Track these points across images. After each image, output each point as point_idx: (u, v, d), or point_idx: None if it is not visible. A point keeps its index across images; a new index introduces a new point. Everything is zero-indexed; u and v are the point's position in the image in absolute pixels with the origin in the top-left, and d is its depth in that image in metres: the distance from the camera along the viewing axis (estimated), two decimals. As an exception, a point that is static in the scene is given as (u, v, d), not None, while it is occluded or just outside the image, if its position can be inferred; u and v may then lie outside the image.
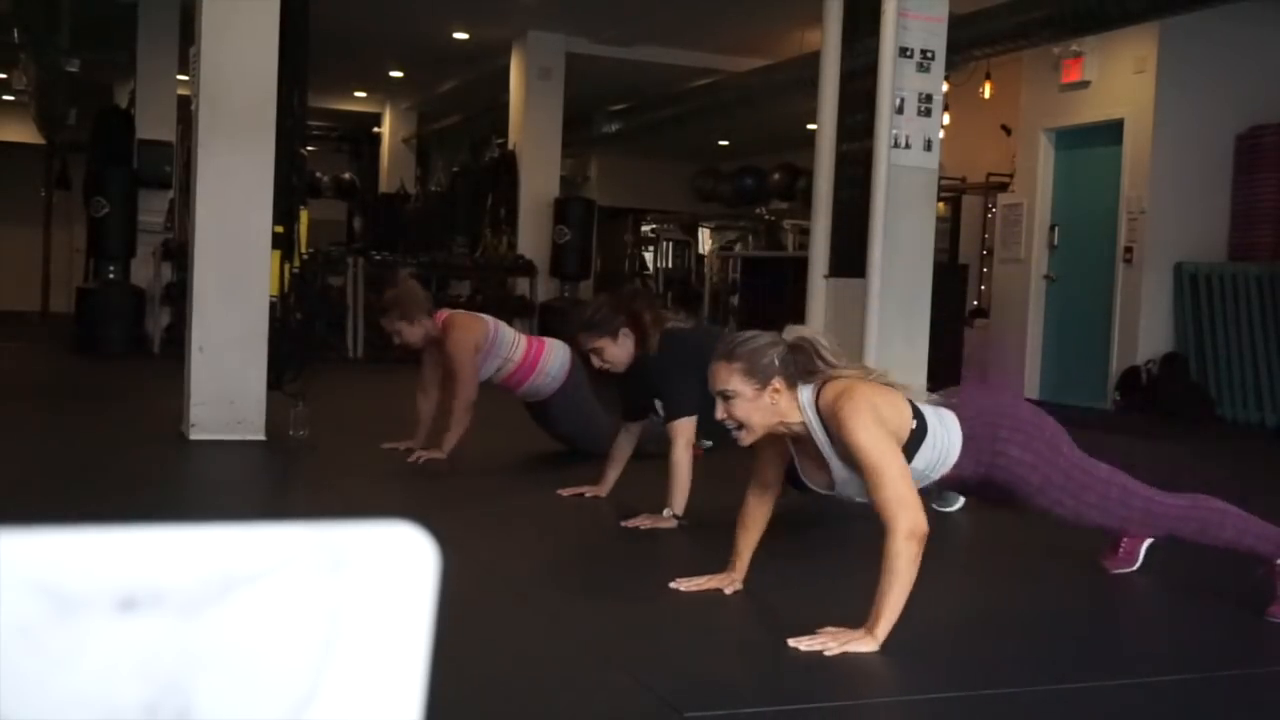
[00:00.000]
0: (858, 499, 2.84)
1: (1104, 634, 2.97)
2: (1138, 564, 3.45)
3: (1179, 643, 3.03)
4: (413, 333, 5.10)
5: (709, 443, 4.18)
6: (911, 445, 2.79)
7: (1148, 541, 3.42)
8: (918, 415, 2.83)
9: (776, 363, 2.75)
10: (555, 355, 5.27)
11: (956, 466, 2.90)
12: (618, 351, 4.00)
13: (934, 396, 3.06)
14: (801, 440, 2.84)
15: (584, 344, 4.05)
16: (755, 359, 2.75)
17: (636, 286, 4.27)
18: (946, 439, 2.87)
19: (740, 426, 2.80)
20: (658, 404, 4.07)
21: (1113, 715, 2.38)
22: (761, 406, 2.77)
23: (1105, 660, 2.71)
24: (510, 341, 5.19)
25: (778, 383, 2.75)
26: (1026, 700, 2.41)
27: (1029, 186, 9.83)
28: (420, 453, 4.99)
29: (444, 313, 5.18)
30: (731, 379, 2.77)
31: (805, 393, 2.77)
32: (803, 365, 2.77)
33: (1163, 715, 2.43)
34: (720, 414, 2.83)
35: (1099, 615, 3.16)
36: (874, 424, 2.66)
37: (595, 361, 4.05)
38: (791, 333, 2.83)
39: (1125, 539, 3.43)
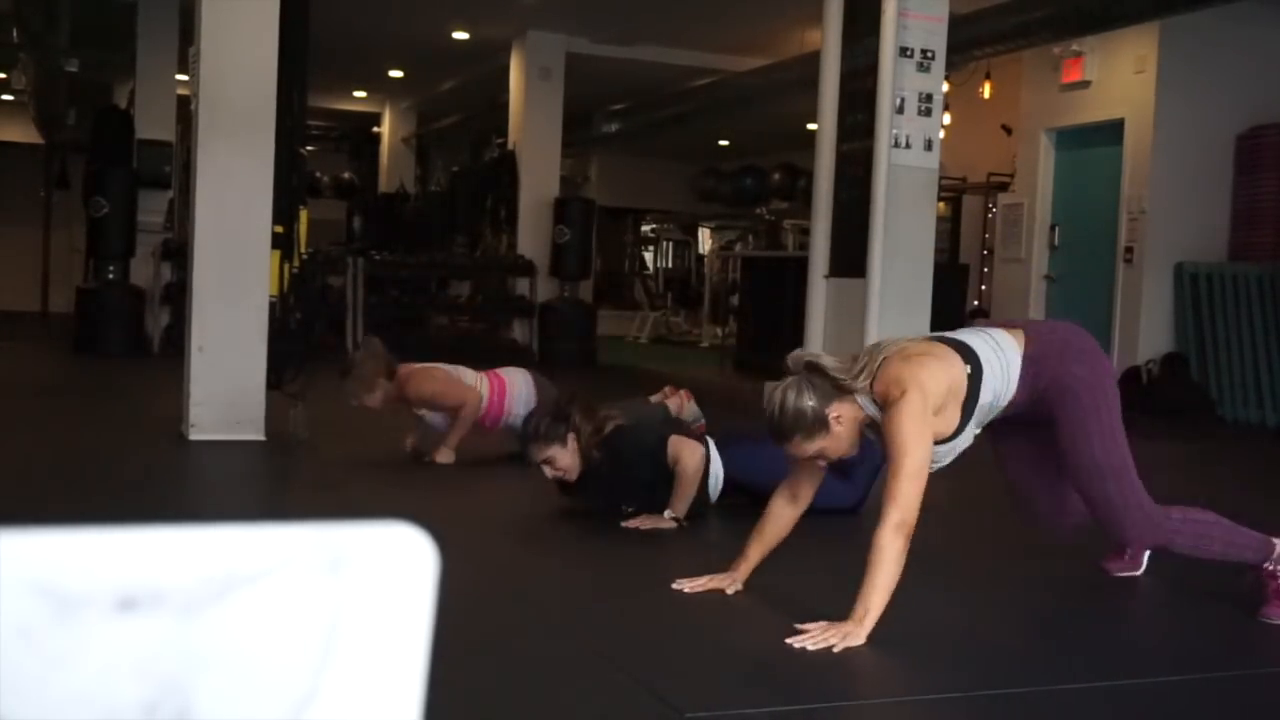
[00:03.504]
0: (947, 461, 2.91)
1: (1104, 634, 2.97)
2: (1141, 569, 3.45)
3: (1179, 643, 3.03)
4: (374, 399, 5.07)
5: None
6: (973, 388, 2.83)
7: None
8: (970, 357, 2.85)
9: (816, 402, 2.80)
10: (519, 385, 5.24)
11: (1020, 387, 2.91)
12: (568, 458, 3.98)
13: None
14: (874, 426, 2.88)
15: (537, 456, 4.01)
16: (801, 420, 2.80)
17: (572, 396, 4.25)
18: (1005, 363, 2.89)
19: (844, 457, 2.91)
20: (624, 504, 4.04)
21: (1113, 715, 2.38)
22: (840, 437, 2.84)
23: (1105, 661, 2.71)
24: (474, 380, 5.17)
25: (833, 411, 2.81)
26: (1026, 700, 2.41)
27: (1029, 186, 9.83)
28: (433, 455, 5.00)
29: (405, 368, 5.13)
30: (805, 447, 2.84)
31: (860, 397, 2.82)
32: (826, 378, 2.82)
33: (1163, 715, 2.43)
34: (823, 465, 2.93)
35: (1099, 616, 3.16)
36: (916, 413, 2.70)
37: (548, 472, 4.02)
38: (797, 362, 2.86)
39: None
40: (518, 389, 5.21)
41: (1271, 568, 3.05)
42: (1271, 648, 2.97)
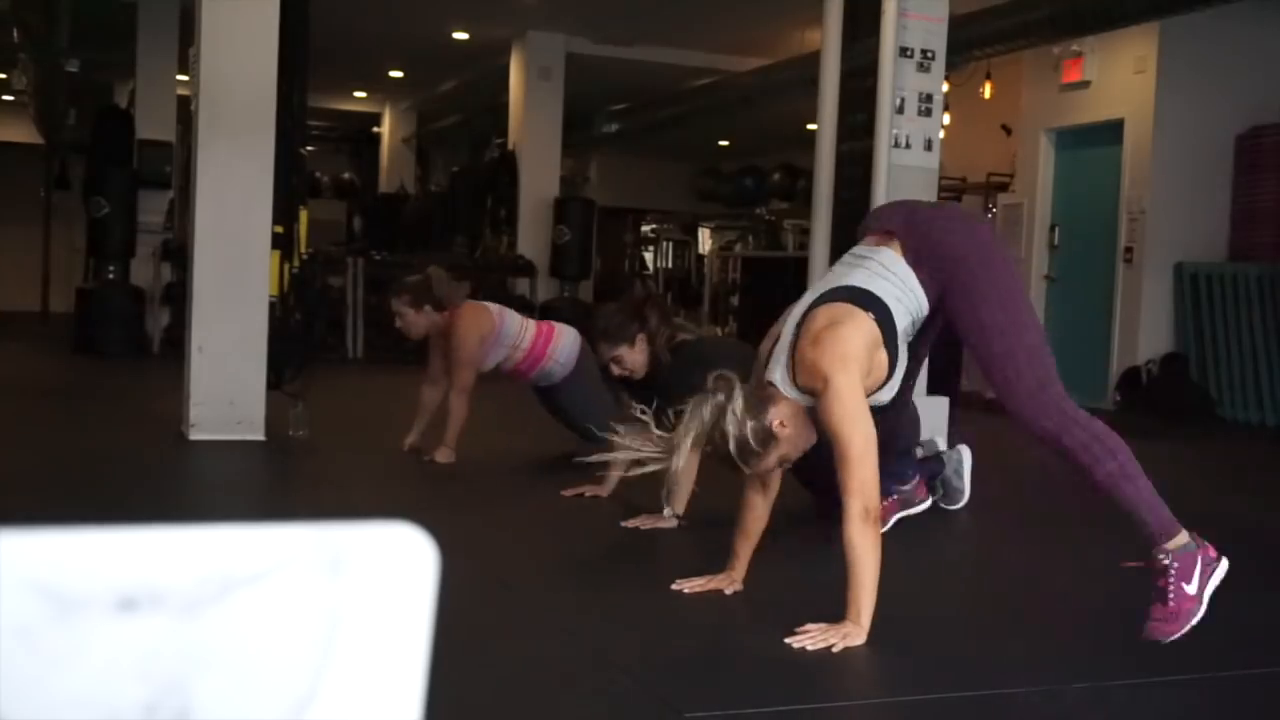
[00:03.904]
0: (894, 393, 2.92)
1: (1104, 634, 2.97)
2: (887, 527, 3.48)
3: (1179, 642, 3.03)
4: (415, 320, 5.10)
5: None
6: (887, 331, 2.81)
7: (901, 514, 3.47)
8: (870, 303, 2.81)
9: (754, 419, 2.75)
10: (565, 341, 5.28)
11: (925, 289, 2.88)
12: (636, 357, 3.99)
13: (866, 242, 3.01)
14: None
15: (603, 355, 4.03)
16: (748, 443, 2.75)
17: (643, 290, 4.27)
18: (903, 286, 2.87)
19: (804, 450, 2.88)
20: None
21: (1113, 715, 2.38)
22: (792, 438, 2.81)
23: (1105, 660, 2.71)
24: (517, 330, 5.20)
25: (772, 419, 2.77)
26: (1027, 700, 2.41)
27: (1029, 186, 9.83)
28: (432, 455, 5.00)
29: (455, 307, 5.18)
30: (765, 463, 2.82)
31: (792, 394, 2.79)
32: (753, 389, 2.80)
33: (1163, 715, 2.43)
34: (785, 467, 2.92)
35: (1099, 615, 3.16)
36: (846, 395, 2.67)
37: (615, 370, 4.03)
38: (712, 383, 2.80)
39: (885, 502, 3.47)
40: (561, 347, 5.25)
41: (1164, 560, 2.72)
42: (1272, 647, 2.97)
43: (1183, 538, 2.74)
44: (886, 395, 2.89)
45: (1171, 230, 8.76)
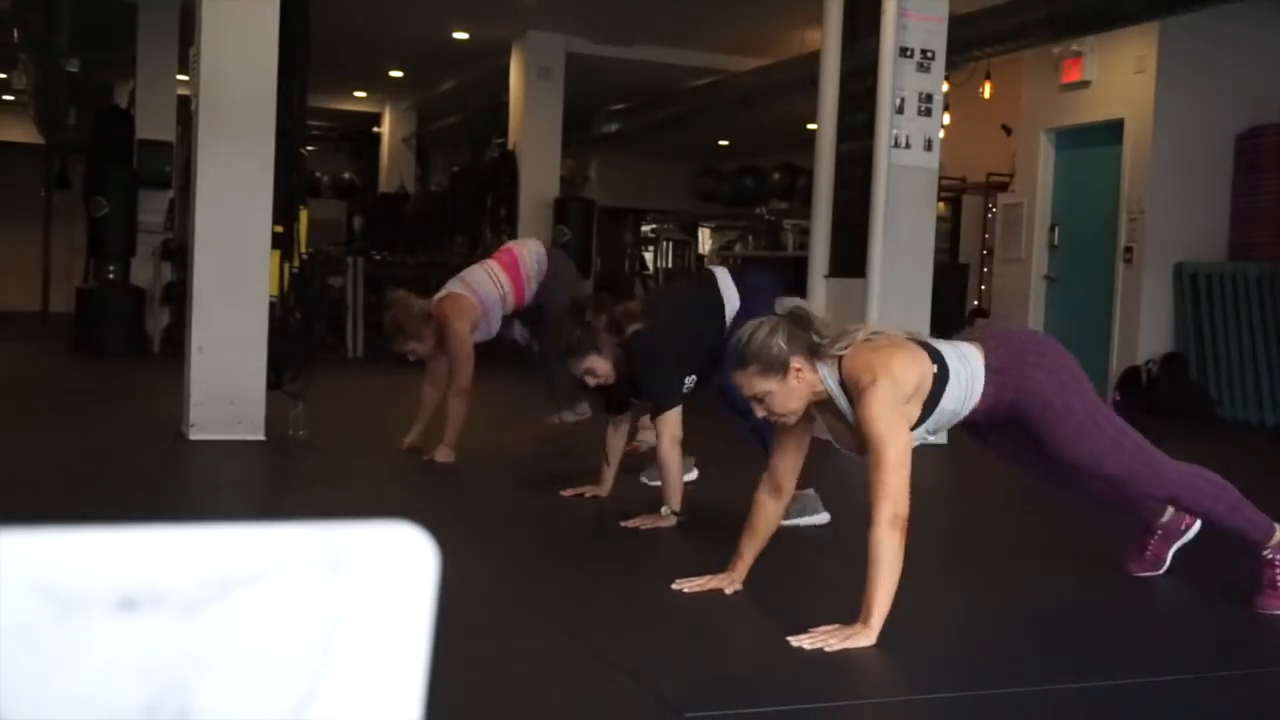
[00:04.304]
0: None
1: (1105, 634, 2.97)
2: (1164, 568, 3.44)
3: (1180, 643, 3.03)
4: (424, 348, 5.16)
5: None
6: (936, 390, 2.83)
7: (1175, 545, 3.43)
8: (937, 359, 2.85)
9: (786, 345, 2.80)
10: (529, 254, 5.38)
11: (984, 398, 2.91)
12: (606, 365, 3.97)
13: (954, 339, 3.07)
14: (827, 406, 2.88)
15: (576, 369, 3.99)
16: (766, 354, 2.79)
17: (585, 296, 4.21)
18: (970, 374, 2.90)
19: (783, 416, 2.87)
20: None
21: (1113, 715, 2.38)
22: (792, 390, 2.82)
23: (1106, 660, 2.71)
24: (493, 285, 5.23)
25: (797, 362, 2.80)
26: (1027, 700, 2.41)
27: (1029, 186, 9.83)
28: (432, 454, 5.00)
29: (433, 308, 5.16)
30: (755, 383, 2.82)
31: (824, 368, 2.82)
32: (807, 332, 2.82)
33: (1163, 715, 2.43)
34: (761, 414, 2.90)
35: (1101, 615, 3.15)
36: (890, 401, 2.70)
37: (590, 382, 4.01)
38: (784, 306, 2.92)
39: (1151, 542, 3.43)
40: (529, 256, 5.35)
41: (1271, 555, 3.08)
42: (1272, 647, 2.97)
43: (1278, 534, 3.10)
44: None
45: (1171, 230, 8.75)
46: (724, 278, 4.17)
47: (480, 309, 5.17)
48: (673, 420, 3.87)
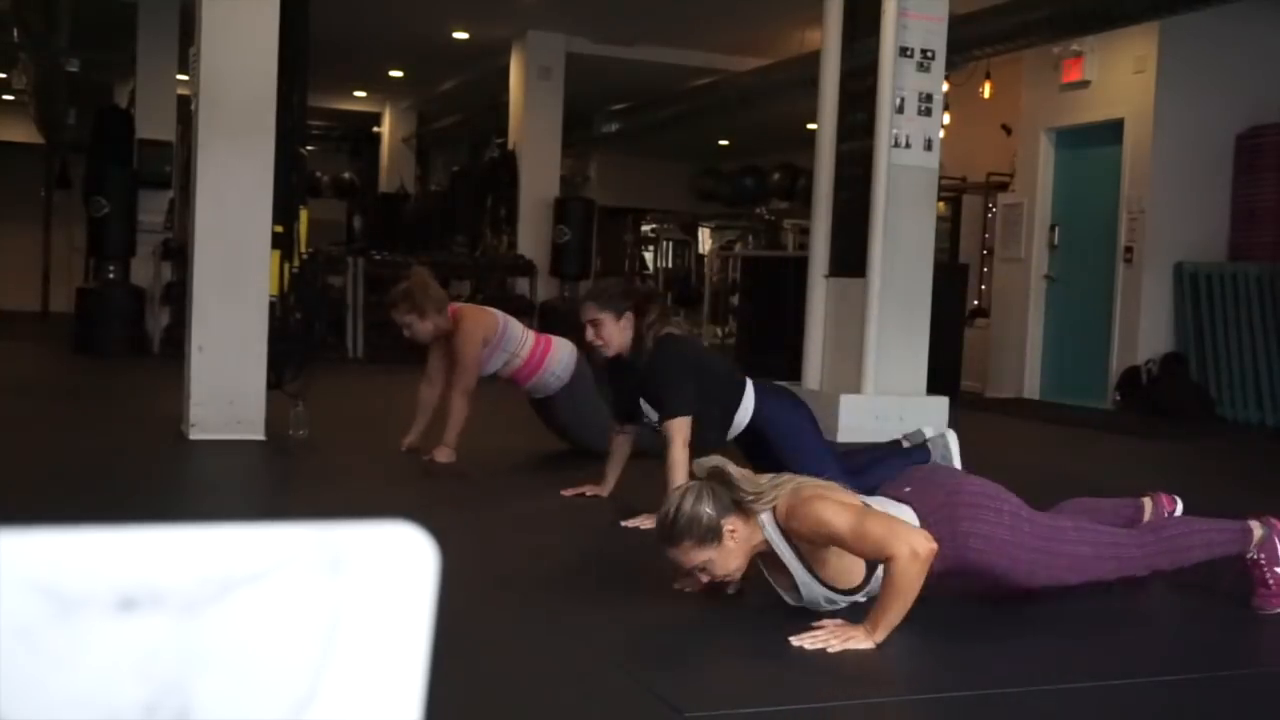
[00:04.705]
0: (825, 607, 2.79)
1: (1105, 634, 2.97)
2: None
3: (1179, 643, 3.03)
4: (423, 327, 5.09)
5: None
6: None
7: None
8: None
9: (714, 511, 2.72)
10: (562, 353, 5.30)
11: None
12: (614, 332, 4.00)
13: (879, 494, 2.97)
14: (768, 556, 2.81)
15: (586, 313, 4.05)
16: (696, 526, 2.71)
17: (651, 287, 4.27)
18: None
19: (727, 578, 2.80)
20: (645, 409, 4.06)
21: (1112, 715, 2.38)
22: (731, 552, 2.75)
23: (1105, 661, 2.71)
24: (519, 337, 5.22)
25: (730, 524, 2.73)
26: (1028, 700, 2.41)
27: (1029, 186, 9.83)
28: (432, 454, 5.00)
29: (454, 306, 5.20)
30: (693, 555, 2.75)
31: (764, 517, 2.75)
32: (731, 489, 2.75)
33: (1163, 715, 2.43)
34: (706, 580, 2.84)
35: (1100, 615, 3.15)
36: (835, 503, 2.66)
37: (589, 334, 4.05)
38: (702, 468, 2.81)
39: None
40: (557, 360, 5.27)
41: (1254, 556, 3.07)
42: (1272, 647, 2.97)
43: (1257, 531, 3.07)
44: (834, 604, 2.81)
45: (1171, 230, 8.76)
46: (749, 385, 4.16)
47: (499, 330, 5.16)
48: (683, 425, 3.90)
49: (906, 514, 2.82)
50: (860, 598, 2.78)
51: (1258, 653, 2.92)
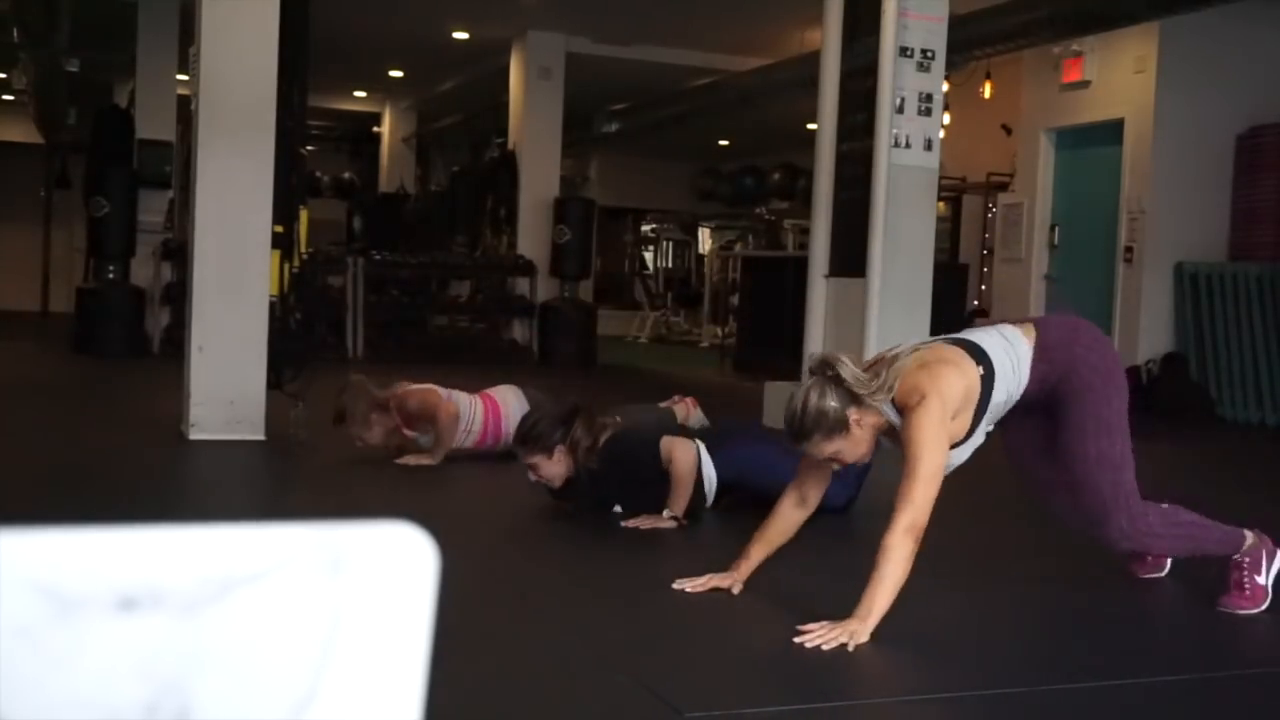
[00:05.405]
0: (961, 460, 2.93)
1: (1105, 634, 2.97)
2: (1166, 570, 3.44)
3: (1179, 643, 3.03)
4: (372, 435, 5.01)
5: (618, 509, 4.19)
6: (985, 391, 2.86)
7: None
8: (982, 358, 2.87)
9: (837, 403, 2.80)
10: (512, 404, 5.17)
11: (1033, 380, 2.94)
12: (553, 466, 4.03)
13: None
14: (892, 433, 2.89)
15: (522, 458, 4.07)
16: (823, 419, 2.80)
17: (574, 401, 4.27)
18: (1016, 360, 2.92)
19: (858, 459, 2.91)
20: (616, 507, 4.06)
21: (1113, 715, 2.38)
22: (858, 440, 2.84)
23: (1105, 661, 2.71)
24: (467, 410, 5.10)
25: (854, 414, 2.81)
26: (1028, 700, 2.41)
27: (1029, 186, 9.83)
28: (408, 458, 4.98)
29: (397, 393, 5.04)
30: (824, 447, 2.83)
31: (883, 404, 2.82)
32: (844, 387, 2.82)
33: (1164, 715, 2.43)
34: (839, 468, 2.94)
35: (1100, 616, 3.16)
36: (935, 420, 2.73)
37: (530, 476, 4.07)
38: (816, 362, 2.88)
39: None
40: (510, 408, 5.14)
41: (1239, 558, 3.11)
42: (1272, 647, 2.97)
43: (1249, 539, 3.14)
44: (955, 459, 2.90)
45: (1171, 230, 8.76)
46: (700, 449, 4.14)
47: (445, 398, 5.05)
48: (673, 443, 3.94)
49: (1015, 337, 2.94)
50: (966, 451, 2.91)
51: (1257, 653, 2.92)
